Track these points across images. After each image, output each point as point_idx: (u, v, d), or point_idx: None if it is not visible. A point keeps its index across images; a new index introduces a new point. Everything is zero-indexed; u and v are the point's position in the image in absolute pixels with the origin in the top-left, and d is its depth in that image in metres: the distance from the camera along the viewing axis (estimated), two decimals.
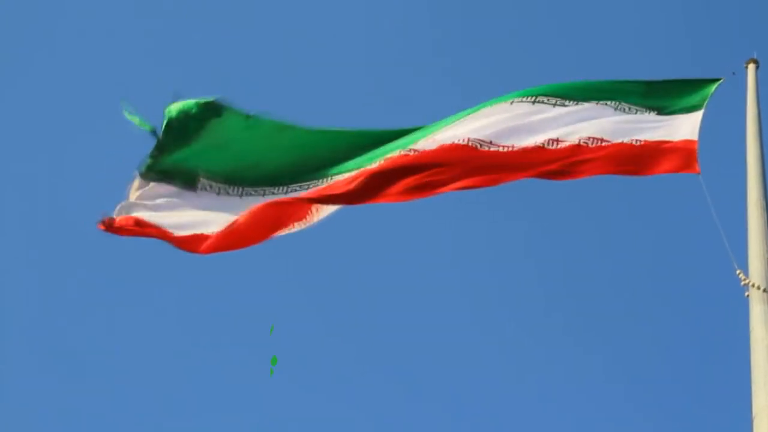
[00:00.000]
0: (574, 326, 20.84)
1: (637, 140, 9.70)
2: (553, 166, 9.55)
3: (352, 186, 9.42)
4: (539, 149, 9.62)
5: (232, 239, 9.36)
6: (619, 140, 9.66)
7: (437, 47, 23.60)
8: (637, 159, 9.59)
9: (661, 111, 10.02)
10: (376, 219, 18.06)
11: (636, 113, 10.00)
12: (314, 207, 9.45)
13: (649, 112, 10.00)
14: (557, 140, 9.66)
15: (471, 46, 23.30)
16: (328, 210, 9.50)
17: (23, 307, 21.27)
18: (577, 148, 9.60)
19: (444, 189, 9.47)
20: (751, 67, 10.42)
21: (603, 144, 9.64)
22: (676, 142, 9.65)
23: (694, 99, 10.10)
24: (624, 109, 10.02)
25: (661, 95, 10.14)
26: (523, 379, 20.48)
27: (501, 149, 9.63)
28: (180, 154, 9.56)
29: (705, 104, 10.02)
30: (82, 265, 20.71)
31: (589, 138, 9.66)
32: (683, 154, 9.52)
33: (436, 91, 21.39)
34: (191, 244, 9.28)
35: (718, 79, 10.27)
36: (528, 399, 20.46)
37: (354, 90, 22.80)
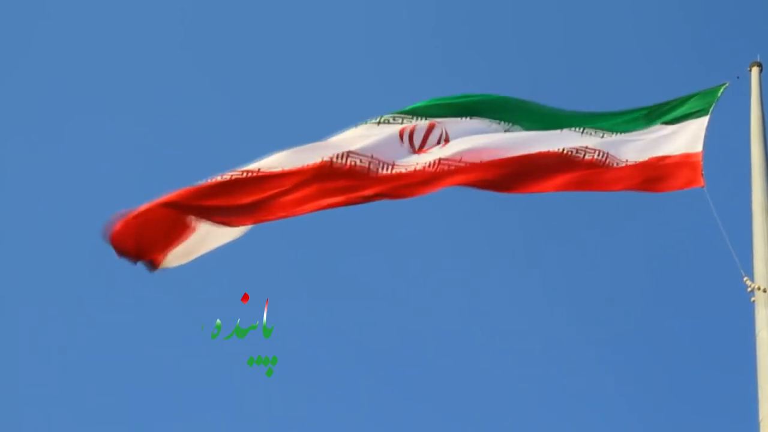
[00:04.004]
0: (577, 330, 20.81)
1: (639, 159, 9.64)
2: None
3: (251, 199, 9.13)
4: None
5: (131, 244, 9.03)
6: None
7: (441, 46, 23.60)
8: (641, 177, 9.54)
9: (668, 123, 10.01)
10: (375, 218, 18.11)
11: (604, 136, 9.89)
12: (194, 222, 9.11)
13: (656, 129, 9.97)
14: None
15: (475, 47, 23.31)
16: (224, 232, 9.27)
17: (22, 306, 21.28)
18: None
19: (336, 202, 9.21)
20: (755, 70, 10.43)
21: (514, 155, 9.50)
22: (682, 155, 9.64)
23: (699, 104, 10.09)
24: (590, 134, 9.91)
25: (667, 111, 10.12)
26: (524, 380, 20.48)
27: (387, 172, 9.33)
28: None
29: (711, 109, 10.01)
30: (79, 263, 20.72)
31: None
32: (688, 168, 9.50)
33: (437, 91, 21.34)
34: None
35: (722, 85, 10.26)
36: (529, 400, 20.46)
37: (354, 90, 22.80)
